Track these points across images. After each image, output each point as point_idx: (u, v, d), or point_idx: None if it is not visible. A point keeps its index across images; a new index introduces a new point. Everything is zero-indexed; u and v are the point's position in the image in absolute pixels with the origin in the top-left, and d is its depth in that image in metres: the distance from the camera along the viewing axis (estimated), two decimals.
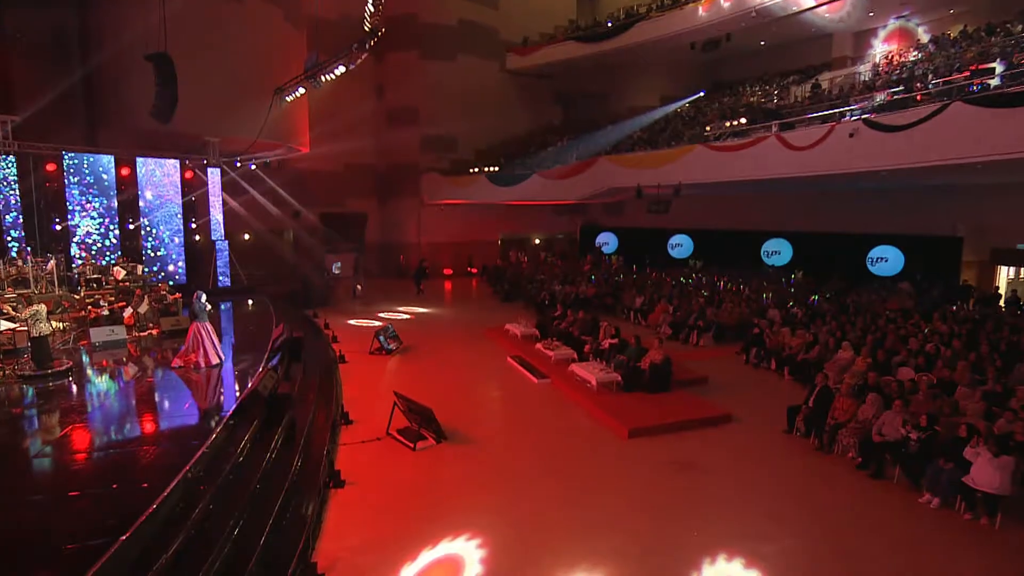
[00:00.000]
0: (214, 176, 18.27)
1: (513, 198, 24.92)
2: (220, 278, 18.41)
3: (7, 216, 13.85)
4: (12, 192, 13.94)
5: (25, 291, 11.41)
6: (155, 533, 5.11)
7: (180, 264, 18.03)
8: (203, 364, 9.54)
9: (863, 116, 13.36)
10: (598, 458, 8.18)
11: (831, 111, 14.97)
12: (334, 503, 6.83)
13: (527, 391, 11.23)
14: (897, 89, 13.59)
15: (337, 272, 23.35)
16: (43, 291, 12.16)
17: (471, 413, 9.88)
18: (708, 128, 18.81)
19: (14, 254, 13.37)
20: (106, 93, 16.24)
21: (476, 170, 25.81)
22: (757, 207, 22.36)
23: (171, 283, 15.85)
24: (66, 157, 15.49)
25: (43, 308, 8.98)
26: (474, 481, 7.46)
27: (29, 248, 13.45)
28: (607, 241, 29.24)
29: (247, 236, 23.03)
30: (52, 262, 12.61)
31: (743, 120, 17.43)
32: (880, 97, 13.83)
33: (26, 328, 9.05)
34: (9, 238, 13.90)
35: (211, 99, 15.67)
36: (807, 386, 10.57)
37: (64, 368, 9.08)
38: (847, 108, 14.52)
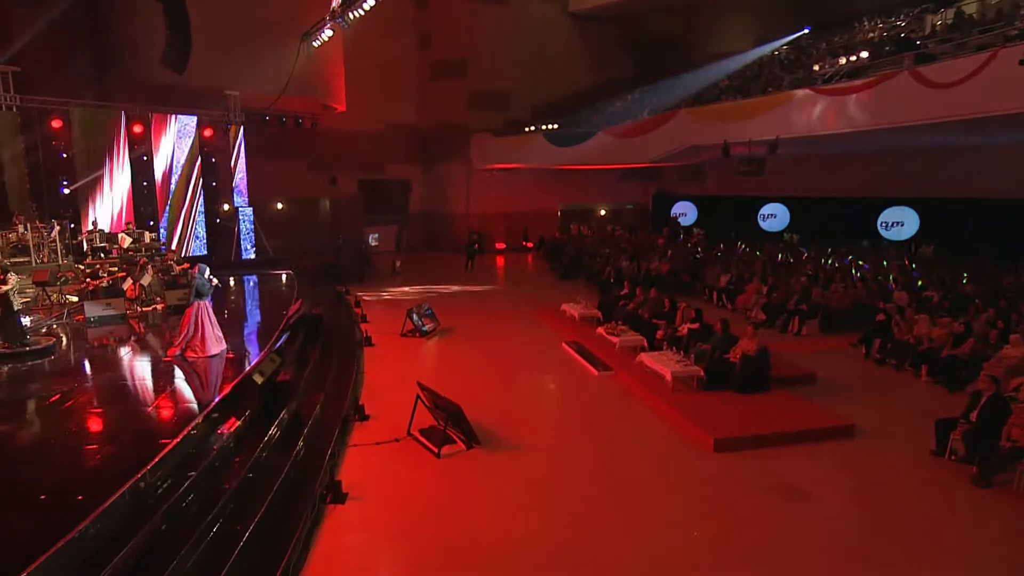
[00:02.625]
0: (236, 134, 17.72)
1: (575, 161, 23.33)
2: (244, 249, 17.99)
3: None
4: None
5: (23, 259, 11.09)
6: (80, 562, 4.20)
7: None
8: (202, 353, 8.74)
9: None
10: (674, 477, 6.78)
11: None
12: (329, 524, 5.79)
13: (584, 385, 9.98)
14: None
15: (374, 244, 22.67)
16: (45, 260, 11.87)
17: (514, 412, 8.70)
18: (816, 68, 16.46)
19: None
20: (116, 41, 15.90)
21: (532, 129, 24.30)
22: (873, 167, 19.87)
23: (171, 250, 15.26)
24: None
25: (14, 278, 8.45)
26: (512, 502, 6.26)
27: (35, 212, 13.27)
28: (685, 212, 27.25)
29: (280, 205, 22.71)
30: (56, 229, 12.31)
31: (864, 54, 15.02)
32: None
33: None
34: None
35: (229, 45, 15.01)
36: (955, 391, 8.90)
37: (44, 347, 8.52)
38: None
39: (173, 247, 15.71)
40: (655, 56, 27.19)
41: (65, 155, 14.82)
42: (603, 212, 29.37)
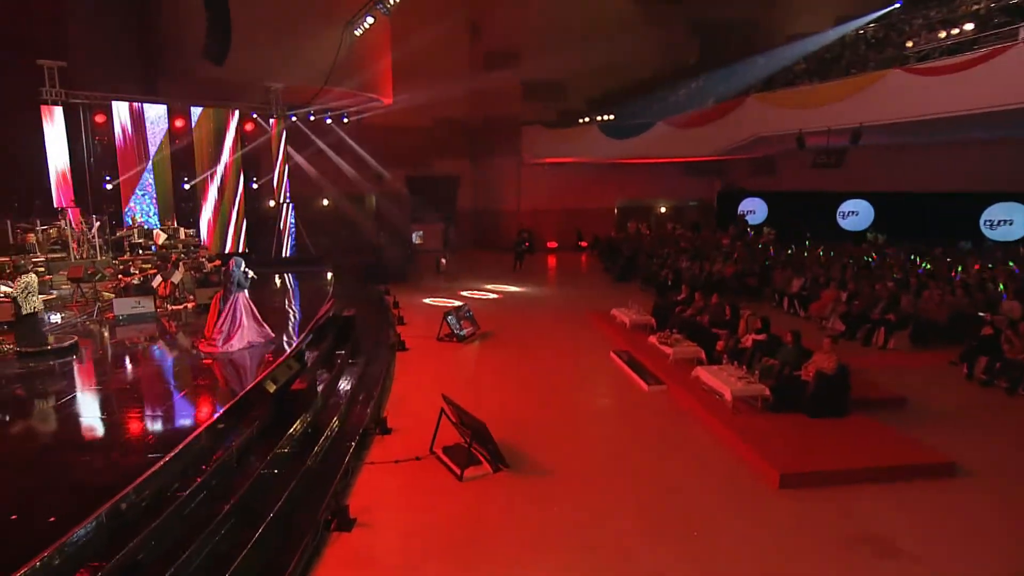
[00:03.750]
0: (277, 128, 17.78)
1: (632, 154, 22.43)
2: (285, 247, 18.05)
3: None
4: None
5: (60, 255, 11.29)
6: None
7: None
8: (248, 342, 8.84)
9: None
10: (732, 518, 5.94)
11: None
12: (330, 556, 5.31)
13: (632, 401, 9.22)
14: None
15: (418, 243, 22.44)
16: (84, 256, 12.09)
17: (549, 429, 8.05)
18: (909, 44, 14.99)
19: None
20: (160, 35, 16.20)
21: (587, 120, 23.49)
22: (976, 158, 18.03)
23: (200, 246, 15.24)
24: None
25: (34, 279, 8.48)
26: (541, 538, 5.61)
27: (74, 208, 13.56)
28: (753, 209, 25.79)
29: (326, 202, 22.81)
30: (97, 225, 12.54)
31: (969, 26, 13.51)
32: None
33: (9, 301, 8.57)
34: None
35: (270, 36, 15.02)
36: None
37: (66, 345, 8.50)
38: None
39: (205, 243, 15.85)
40: (724, 40, 25.78)
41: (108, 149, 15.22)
42: (663, 209, 28.22)
